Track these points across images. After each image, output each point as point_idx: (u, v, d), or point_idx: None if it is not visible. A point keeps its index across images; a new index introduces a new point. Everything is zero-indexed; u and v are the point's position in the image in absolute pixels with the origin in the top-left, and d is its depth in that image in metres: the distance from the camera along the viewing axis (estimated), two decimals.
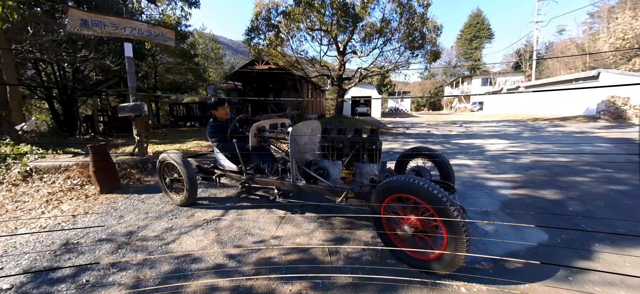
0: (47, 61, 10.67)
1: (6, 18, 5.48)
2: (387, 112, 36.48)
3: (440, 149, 6.69)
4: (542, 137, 8.82)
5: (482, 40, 49.09)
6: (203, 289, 1.80)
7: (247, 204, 3.31)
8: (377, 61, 15.34)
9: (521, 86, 23.95)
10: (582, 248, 2.17)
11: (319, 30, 13.64)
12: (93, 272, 2.00)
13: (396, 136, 10.91)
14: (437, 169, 2.89)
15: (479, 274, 1.87)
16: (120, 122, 12.14)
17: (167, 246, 2.35)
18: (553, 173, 4.36)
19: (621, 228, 2.47)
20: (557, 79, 19.71)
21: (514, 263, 2.00)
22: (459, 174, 4.36)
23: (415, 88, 53.09)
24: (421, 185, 1.72)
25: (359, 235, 2.46)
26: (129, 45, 4.96)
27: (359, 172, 2.53)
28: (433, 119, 22.26)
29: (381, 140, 2.53)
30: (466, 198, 3.33)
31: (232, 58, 49.14)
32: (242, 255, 2.18)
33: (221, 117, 3.31)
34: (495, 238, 2.36)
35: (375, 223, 2.08)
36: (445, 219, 1.64)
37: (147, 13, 13.10)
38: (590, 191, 3.49)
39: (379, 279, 1.84)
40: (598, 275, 1.83)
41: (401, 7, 12.43)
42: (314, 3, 12.19)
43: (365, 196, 2.31)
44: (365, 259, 2.08)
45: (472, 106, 35.52)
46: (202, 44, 25.94)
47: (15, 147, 5.04)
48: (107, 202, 3.52)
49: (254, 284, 1.83)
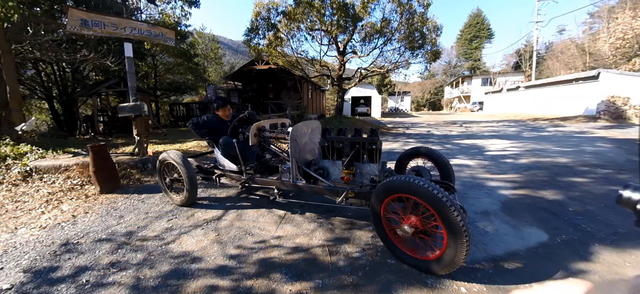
0: (47, 61, 10.66)
1: (6, 18, 5.47)
2: (387, 112, 36.47)
3: (440, 149, 6.70)
4: (543, 137, 8.81)
5: (482, 40, 49.08)
6: (203, 289, 1.80)
7: (247, 204, 3.31)
8: (377, 61, 15.34)
9: (521, 86, 23.91)
10: (582, 248, 2.17)
11: (319, 30, 13.64)
12: (93, 272, 2.00)
13: (396, 136, 10.91)
14: (437, 169, 2.89)
15: (479, 274, 1.87)
16: (120, 122, 12.13)
17: (167, 246, 2.35)
18: (553, 173, 4.36)
19: (621, 228, 2.47)
20: (557, 79, 19.70)
21: (514, 263, 2.00)
22: (459, 174, 4.36)
23: (415, 88, 53.02)
24: (421, 185, 1.71)
25: (359, 235, 2.46)
26: (129, 45, 4.96)
27: (359, 172, 2.53)
28: (433, 119, 22.26)
29: (381, 140, 2.53)
30: (466, 198, 3.33)
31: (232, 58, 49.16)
32: (242, 255, 2.18)
33: (224, 118, 3.49)
34: (495, 238, 2.36)
35: (376, 223, 2.08)
36: (446, 219, 1.64)
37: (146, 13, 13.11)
38: (590, 191, 3.49)
39: (379, 279, 1.84)
40: (598, 275, 1.83)
41: (401, 7, 12.42)
42: (314, 3, 12.19)
43: (365, 196, 2.31)
44: (365, 259, 2.08)
45: (472, 105, 35.53)
46: (202, 44, 25.94)
47: (15, 147, 5.03)
48: (107, 202, 3.52)
49: (254, 284, 1.83)
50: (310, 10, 12.41)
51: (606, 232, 2.41)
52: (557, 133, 9.68)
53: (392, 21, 13.14)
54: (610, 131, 9.56)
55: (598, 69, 15.74)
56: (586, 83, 15.92)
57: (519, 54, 38.13)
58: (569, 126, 11.90)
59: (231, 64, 34.78)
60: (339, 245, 2.30)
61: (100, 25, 4.71)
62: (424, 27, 12.99)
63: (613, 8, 22.34)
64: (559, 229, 2.48)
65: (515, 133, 10.18)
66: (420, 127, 14.25)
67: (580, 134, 9.08)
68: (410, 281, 1.82)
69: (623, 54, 20.34)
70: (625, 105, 13.87)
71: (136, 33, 5.15)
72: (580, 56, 26.39)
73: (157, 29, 5.65)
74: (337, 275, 1.89)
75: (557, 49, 31.97)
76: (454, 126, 14.08)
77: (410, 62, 14.62)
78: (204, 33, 26.99)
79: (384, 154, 4.42)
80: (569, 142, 7.54)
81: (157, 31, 5.59)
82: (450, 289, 1.73)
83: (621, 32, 19.80)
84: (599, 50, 22.98)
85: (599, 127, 10.94)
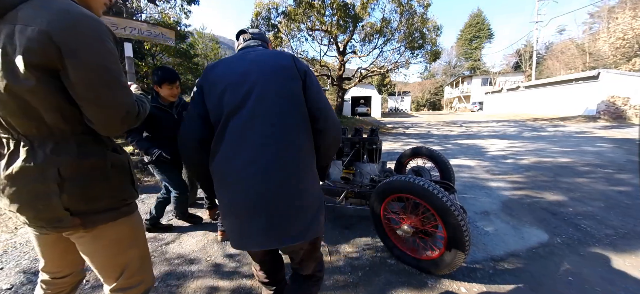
0: None
1: None
2: (387, 112, 36.46)
3: (440, 149, 6.70)
4: (543, 137, 8.81)
5: (482, 40, 49.06)
6: (203, 290, 1.80)
7: None
8: (377, 61, 15.34)
9: (521, 85, 23.92)
10: (582, 248, 2.17)
11: (319, 31, 13.64)
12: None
13: (396, 136, 10.91)
14: (437, 169, 2.89)
15: (479, 274, 1.87)
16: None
17: (166, 246, 2.35)
18: (554, 173, 4.36)
19: (621, 228, 2.47)
20: (556, 79, 19.71)
21: (514, 263, 2.00)
22: (459, 174, 4.36)
23: (415, 88, 52.98)
24: (421, 185, 1.71)
25: (358, 235, 2.46)
26: (129, 45, 4.96)
27: (359, 172, 2.53)
28: (433, 119, 22.26)
29: (381, 140, 2.54)
30: (466, 198, 3.33)
31: None
32: (242, 255, 2.18)
33: (165, 98, 2.24)
34: (495, 238, 2.36)
35: (375, 223, 2.08)
36: (445, 219, 1.64)
37: (146, 13, 13.11)
38: (590, 191, 3.49)
39: (379, 279, 1.84)
40: (598, 275, 1.83)
41: (401, 7, 12.42)
42: (314, 3, 12.19)
43: (365, 196, 2.31)
44: (365, 259, 2.08)
45: (472, 106, 35.53)
46: (201, 44, 25.94)
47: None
48: None
49: (254, 284, 1.83)
50: (310, 10, 12.41)
51: (606, 232, 2.41)
52: (557, 133, 9.68)
53: (392, 21, 13.15)
54: (610, 131, 9.56)
55: (598, 69, 15.74)
56: (586, 83, 15.92)
57: (519, 54, 38.13)
58: (569, 126, 11.90)
59: None
60: (338, 245, 2.30)
61: None
62: (424, 27, 13.00)
63: (613, 8, 22.36)
64: (559, 229, 2.48)
65: (515, 133, 10.18)
66: (420, 127, 14.26)
67: (580, 134, 9.08)
68: (410, 281, 1.81)
69: (623, 54, 20.34)
70: (625, 105, 13.87)
71: (136, 33, 5.14)
72: (580, 56, 26.39)
73: (157, 29, 5.64)
74: (336, 275, 1.89)
75: (557, 49, 31.98)
76: (454, 126, 14.08)
77: (410, 62, 14.63)
78: (204, 33, 26.98)
79: (384, 154, 4.42)
80: (569, 142, 7.54)
81: (157, 31, 5.59)
82: (450, 290, 1.73)
83: (621, 32, 19.81)
84: (599, 50, 22.98)
85: (599, 127, 10.94)
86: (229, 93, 0.98)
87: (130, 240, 0.99)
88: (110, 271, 0.98)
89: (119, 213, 0.92)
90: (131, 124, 0.88)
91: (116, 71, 0.79)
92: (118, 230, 0.94)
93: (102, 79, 0.76)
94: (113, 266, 0.97)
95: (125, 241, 0.97)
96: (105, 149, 0.88)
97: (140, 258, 1.03)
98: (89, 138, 0.85)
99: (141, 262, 1.04)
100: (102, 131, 0.83)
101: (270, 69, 1.01)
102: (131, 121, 0.86)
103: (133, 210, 1.00)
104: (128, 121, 0.85)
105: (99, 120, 0.78)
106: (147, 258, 1.08)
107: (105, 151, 0.88)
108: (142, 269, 1.04)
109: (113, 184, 0.90)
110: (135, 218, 1.01)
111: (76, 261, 1.04)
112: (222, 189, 1.01)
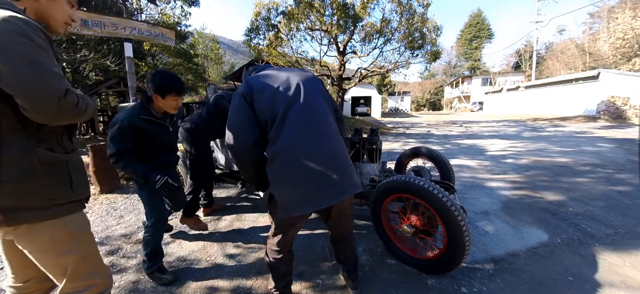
0: None
1: None
2: (387, 112, 36.45)
3: (440, 149, 6.70)
4: (543, 137, 8.81)
5: (482, 40, 49.07)
6: (203, 290, 1.80)
7: (247, 205, 3.31)
8: (377, 61, 15.31)
9: (521, 86, 23.91)
10: (582, 248, 2.16)
11: (319, 31, 13.63)
12: None
13: (396, 136, 10.91)
14: (437, 169, 2.89)
15: (479, 274, 1.87)
16: None
17: (166, 246, 2.35)
18: (554, 173, 4.36)
19: (621, 228, 2.47)
20: (556, 79, 19.71)
21: (514, 263, 2.00)
22: (459, 174, 4.36)
23: (415, 88, 52.95)
24: (421, 185, 1.71)
25: (358, 235, 2.46)
26: (128, 45, 4.96)
27: (359, 172, 2.52)
28: (433, 119, 22.26)
29: (381, 140, 2.53)
30: (466, 198, 3.33)
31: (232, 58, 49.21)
32: (242, 255, 2.18)
33: (160, 108, 1.76)
34: (495, 238, 2.35)
35: (375, 223, 2.08)
36: (446, 219, 1.64)
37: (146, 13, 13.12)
38: (590, 191, 3.49)
39: (379, 279, 1.84)
40: (598, 275, 1.83)
41: (401, 7, 12.41)
42: (314, 3, 12.18)
43: (365, 196, 2.31)
44: (365, 259, 2.08)
45: (472, 106, 35.54)
46: (202, 44, 25.93)
47: None
48: (107, 202, 3.52)
49: (254, 284, 1.83)
50: (310, 10, 12.40)
51: (606, 232, 2.40)
52: (557, 133, 9.68)
53: (392, 21, 13.13)
54: (610, 131, 9.56)
55: (598, 69, 15.75)
56: (586, 83, 15.92)
57: (519, 54, 38.13)
58: (569, 126, 11.90)
59: (231, 64, 34.76)
60: None
61: (100, 26, 4.70)
62: (424, 27, 12.98)
63: (613, 8, 22.33)
64: (559, 229, 2.48)
65: (515, 133, 10.18)
66: (420, 127, 14.26)
67: (580, 134, 9.08)
68: (410, 281, 1.81)
69: (623, 54, 20.33)
70: (625, 105, 13.87)
71: (136, 33, 5.15)
72: (580, 56, 26.39)
73: (157, 29, 5.65)
74: (337, 275, 1.89)
75: (557, 49, 31.97)
76: (454, 126, 14.08)
77: (410, 62, 14.59)
78: (204, 33, 26.98)
79: (384, 154, 4.42)
80: (569, 142, 7.54)
81: (157, 31, 5.59)
82: (450, 290, 1.73)
83: (621, 32, 19.80)
84: (599, 50, 22.97)
85: (599, 127, 10.94)
86: (282, 92, 1.26)
87: (67, 243, 0.95)
88: (53, 273, 0.96)
89: (48, 213, 0.89)
90: (75, 115, 0.86)
91: (46, 62, 0.79)
92: (49, 231, 0.91)
93: (32, 69, 0.76)
94: (55, 268, 0.95)
95: (60, 244, 0.93)
96: (33, 145, 0.86)
97: (84, 262, 0.99)
98: (17, 135, 0.83)
99: (86, 266, 0.99)
100: (40, 119, 0.81)
101: (305, 75, 1.36)
102: (70, 108, 0.83)
103: (70, 212, 0.96)
104: (67, 108, 0.82)
105: (32, 106, 0.77)
106: (93, 261, 1.03)
107: (34, 147, 0.86)
108: (91, 274, 1.01)
109: (42, 182, 0.87)
110: (72, 220, 0.97)
111: (36, 266, 0.99)
112: (289, 167, 1.20)
